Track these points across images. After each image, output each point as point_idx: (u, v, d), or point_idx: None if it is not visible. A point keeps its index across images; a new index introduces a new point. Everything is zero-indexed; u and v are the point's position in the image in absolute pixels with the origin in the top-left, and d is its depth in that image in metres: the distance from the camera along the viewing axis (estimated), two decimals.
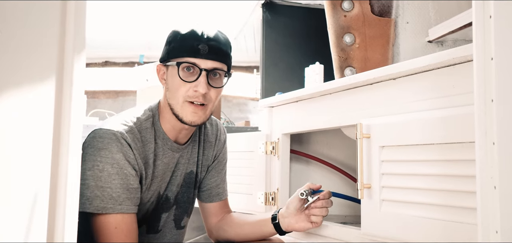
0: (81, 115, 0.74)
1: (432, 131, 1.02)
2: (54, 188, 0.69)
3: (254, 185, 1.72)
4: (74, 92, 0.71)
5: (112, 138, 1.13)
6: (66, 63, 0.70)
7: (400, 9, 1.74)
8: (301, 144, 1.84)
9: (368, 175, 1.18)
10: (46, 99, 0.68)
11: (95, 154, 1.12)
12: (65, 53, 0.70)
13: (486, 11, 0.72)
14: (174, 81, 1.20)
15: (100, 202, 1.10)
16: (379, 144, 1.16)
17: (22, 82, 0.66)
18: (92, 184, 1.10)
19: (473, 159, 0.80)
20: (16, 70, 0.66)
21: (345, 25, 1.76)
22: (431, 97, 1.06)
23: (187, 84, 1.19)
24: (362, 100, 1.29)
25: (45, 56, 0.68)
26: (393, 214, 1.12)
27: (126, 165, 1.13)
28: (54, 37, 0.69)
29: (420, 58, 1.08)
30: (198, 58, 1.19)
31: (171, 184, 1.31)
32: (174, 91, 1.21)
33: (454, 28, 1.53)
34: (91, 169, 1.11)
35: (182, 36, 1.21)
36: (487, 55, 0.72)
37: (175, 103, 1.21)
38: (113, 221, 1.11)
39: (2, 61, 0.64)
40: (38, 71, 0.68)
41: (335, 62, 1.77)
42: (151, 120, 1.25)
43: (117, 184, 1.12)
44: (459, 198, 0.96)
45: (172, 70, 1.21)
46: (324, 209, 1.30)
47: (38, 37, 0.68)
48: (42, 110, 0.68)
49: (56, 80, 0.69)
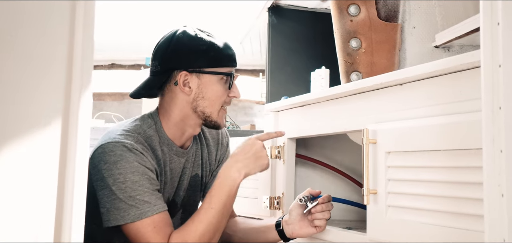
0: (89, 118, 0.74)
1: (439, 137, 1.01)
2: (61, 187, 0.69)
3: (259, 189, 1.72)
4: (82, 93, 0.72)
5: (123, 150, 1.13)
6: (75, 65, 0.71)
7: (406, 14, 1.74)
8: (306, 148, 1.84)
9: (374, 180, 1.18)
10: (55, 99, 0.69)
11: (111, 168, 1.12)
12: (73, 60, 0.70)
13: (494, 18, 0.72)
14: (214, 90, 1.25)
15: (136, 210, 1.11)
16: (385, 150, 1.16)
17: (29, 81, 0.67)
18: (121, 196, 1.11)
19: (480, 166, 0.80)
20: (24, 76, 0.66)
21: (352, 30, 1.76)
22: (438, 103, 1.06)
23: (226, 91, 1.27)
24: (368, 106, 1.29)
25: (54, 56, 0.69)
26: (399, 220, 1.11)
27: (146, 170, 1.15)
28: (64, 37, 0.69)
29: (427, 64, 1.07)
30: (234, 66, 1.30)
31: (179, 189, 1.32)
32: (214, 100, 1.26)
33: (461, 34, 1.52)
34: (114, 184, 1.11)
35: (220, 47, 1.27)
36: (495, 62, 0.71)
37: (213, 111, 1.25)
38: (150, 223, 1.12)
39: (11, 66, 0.65)
40: (47, 69, 0.68)
41: (341, 67, 1.77)
42: (154, 128, 1.25)
43: (144, 189, 1.13)
44: (466, 205, 0.95)
45: (212, 78, 1.25)
46: (326, 212, 1.30)
47: (47, 37, 0.69)
48: (50, 110, 0.69)
49: (65, 81, 0.69)
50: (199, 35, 1.26)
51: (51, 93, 0.65)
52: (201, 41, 1.25)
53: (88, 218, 1.23)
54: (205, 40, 1.25)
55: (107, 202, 1.12)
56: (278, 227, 1.33)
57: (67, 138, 0.67)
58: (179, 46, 1.24)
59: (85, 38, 0.69)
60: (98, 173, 1.13)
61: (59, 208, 0.66)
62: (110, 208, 1.12)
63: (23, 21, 0.64)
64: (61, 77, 0.66)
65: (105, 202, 1.12)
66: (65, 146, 0.66)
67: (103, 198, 1.13)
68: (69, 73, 0.66)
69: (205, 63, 1.23)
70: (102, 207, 1.13)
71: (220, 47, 1.26)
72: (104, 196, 1.13)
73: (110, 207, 1.12)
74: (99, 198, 1.14)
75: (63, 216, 0.66)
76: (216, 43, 1.26)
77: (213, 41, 1.26)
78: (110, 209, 1.12)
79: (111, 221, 1.12)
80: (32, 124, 0.64)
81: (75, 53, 0.68)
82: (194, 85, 1.23)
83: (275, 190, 1.68)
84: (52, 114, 0.65)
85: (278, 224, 1.33)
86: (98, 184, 1.14)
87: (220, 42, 1.27)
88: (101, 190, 1.13)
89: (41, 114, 0.64)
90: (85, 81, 0.68)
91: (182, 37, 1.25)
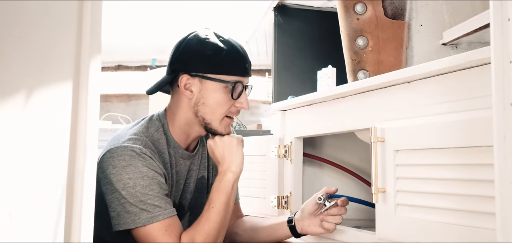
0: (97, 116, 0.75)
1: (448, 135, 1.01)
2: (71, 185, 0.69)
3: (267, 188, 1.72)
4: (90, 94, 0.72)
5: (132, 154, 1.13)
6: (82, 66, 0.71)
7: (413, 12, 1.73)
8: (314, 147, 1.83)
9: (382, 179, 1.17)
10: (64, 100, 0.69)
11: (121, 172, 1.12)
12: (81, 55, 0.71)
13: (504, 13, 0.71)
14: (215, 97, 1.22)
15: (147, 214, 1.12)
16: (394, 148, 1.15)
17: (39, 85, 0.67)
18: (131, 200, 1.11)
19: (490, 163, 0.79)
20: (33, 72, 0.67)
21: (358, 28, 1.75)
22: (447, 101, 1.05)
23: (231, 101, 1.23)
24: (376, 104, 1.28)
25: (62, 58, 0.69)
26: (408, 219, 1.11)
27: (156, 174, 1.15)
28: (72, 39, 0.70)
29: (435, 61, 1.07)
30: (245, 77, 1.25)
31: (185, 191, 1.32)
32: (215, 107, 1.22)
33: (469, 31, 1.51)
34: (124, 188, 1.11)
35: (227, 53, 1.22)
36: (506, 58, 0.70)
37: (214, 119, 1.23)
38: (162, 227, 1.13)
39: (21, 63, 0.65)
40: (55, 72, 0.69)
41: (348, 65, 1.76)
42: (161, 130, 1.25)
43: (154, 193, 1.13)
44: (477, 202, 0.94)
45: (213, 85, 1.21)
46: (338, 217, 1.29)
47: (55, 39, 0.69)
48: (59, 110, 0.69)
49: (73, 82, 0.69)
50: (210, 40, 1.23)
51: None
52: (208, 45, 1.22)
53: (97, 219, 1.24)
54: (213, 45, 1.22)
55: (117, 205, 1.12)
56: (290, 223, 1.32)
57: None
58: (186, 49, 1.24)
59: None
60: (107, 177, 1.14)
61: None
62: (121, 212, 1.12)
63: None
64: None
65: (116, 206, 1.13)
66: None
67: (113, 202, 1.13)
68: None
69: (208, 69, 1.21)
70: (112, 211, 1.13)
71: (228, 54, 1.22)
72: (114, 200, 1.13)
73: (120, 211, 1.12)
74: (108, 202, 1.14)
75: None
76: (226, 49, 1.22)
77: (221, 47, 1.22)
78: (120, 213, 1.12)
79: (122, 225, 1.12)
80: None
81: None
82: (196, 90, 1.22)
83: (283, 189, 1.67)
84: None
85: (291, 219, 1.33)
86: (107, 187, 1.14)
87: (231, 50, 1.23)
88: (110, 194, 1.13)
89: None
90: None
91: (191, 40, 1.24)
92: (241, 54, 1.25)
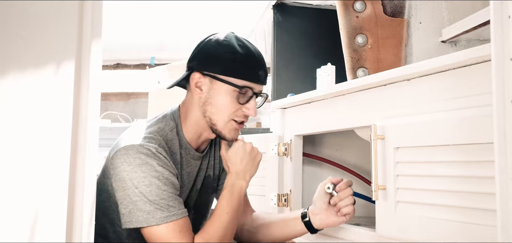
0: (97, 115, 0.75)
1: (448, 132, 1.01)
2: (72, 184, 0.69)
3: (267, 186, 1.72)
4: (91, 93, 0.72)
5: (148, 154, 1.13)
6: (83, 66, 0.71)
7: (413, 10, 1.73)
8: (313, 145, 1.83)
9: (382, 176, 1.18)
10: (64, 99, 0.69)
11: (136, 170, 1.12)
12: (82, 54, 0.71)
13: (505, 10, 0.71)
14: (222, 98, 1.21)
15: (162, 213, 1.11)
16: (394, 145, 1.15)
17: (39, 81, 0.67)
18: (145, 199, 1.11)
19: (491, 160, 0.79)
20: (33, 69, 0.67)
21: (358, 26, 1.75)
22: (447, 98, 1.05)
23: (238, 105, 1.21)
24: (376, 102, 1.28)
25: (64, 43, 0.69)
26: (408, 216, 1.11)
27: (170, 175, 1.15)
28: (73, 37, 0.70)
29: (435, 59, 1.07)
30: (256, 83, 1.23)
31: (192, 191, 1.32)
32: (221, 109, 1.21)
33: (468, 28, 1.52)
34: (138, 186, 1.11)
35: (241, 57, 1.21)
36: (506, 55, 0.71)
37: (219, 120, 1.22)
38: (176, 227, 1.13)
39: (21, 61, 0.65)
40: (55, 69, 0.69)
41: (347, 63, 1.76)
42: (175, 131, 1.25)
43: (168, 193, 1.13)
44: (477, 199, 0.94)
45: (222, 86, 1.21)
46: (347, 198, 1.27)
47: (56, 36, 0.69)
48: (60, 109, 0.69)
49: (74, 80, 0.69)
50: (227, 42, 1.22)
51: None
52: (225, 47, 1.22)
53: (101, 214, 1.24)
54: (229, 48, 1.21)
55: (129, 203, 1.12)
56: (305, 218, 1.31)
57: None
58: (203, 48, 1.24)
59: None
60: (120, 174, 1.13)
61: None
62: (133, 210, 1.11)
63: None
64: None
65: (128, 203, 1.12)
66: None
67: (126, 199, 1.12)
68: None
69: (219, 70, 1.20)
70: (124, 208, 1.13)
71: (242, 58, 1.21)
72: (126, 197, 1.12)
73: (132, 209, 1.11)
74: (119, 199, 1.14)
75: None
76: (240, 53, 1.21)
77: (237, 50, 1.21)
78: (132, 211, 1.11)
79: (133, 223, 1.12)
80: None
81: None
82: (206, 89, 1.22)
83: (283, 187, 1.67)
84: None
85: (304, 215, 1.31)
86: (119, 184, 1.13)
87: (245, 54, 1.22)
88: (122, 191, 1.13)
89: None
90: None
91: (210, 40, 1.24)
92: (256, 61, 1.23)
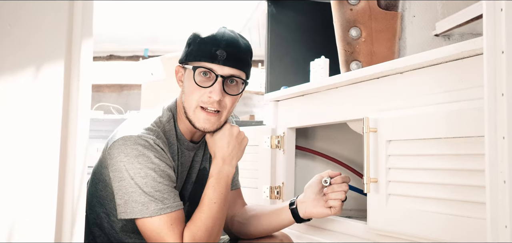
0: (88, 108, 0.74)
1: (440, 125, 1.01)
2: (62, 180, 0.69)
3: (260, 179, 1.72)
4: (82, 87, 0.71)
5: (146, 145, 1.12)
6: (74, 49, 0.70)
7: (406, 3, 1.73)
8: (306, 138, 1.83)
9: (374, 169, 1.18)
10: (54, 92, 0.68)
11: (133, 161, 1.11)
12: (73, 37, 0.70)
13: (497, 4, 0.71)
14: (189, 85, 1.20)
15: (155, 205, 1.11)
16: (386, 138, 1.16)
17: (29, 74, 0.66)
18: (141, 190, 1.10)
19: (481, 153, 0.80)
20: (23, 66, 0.66)
21: (351, 19, 1.75)
22: (439, 91, 1.05)
23: (202, 90, 1.18)
24: (368, 94, 1.29)
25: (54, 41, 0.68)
26: (399, 208, 1.11)
27: (167, 167, 1.14)
28: (63, 23, 0.69)
29: (428, 52, 1.07)
30: (215, 64, 1.17)
31: (187, 182, 1.31)
32: (188, 95, 1.20)
33: (461, 22, 1.52)
34: (134, 177, 1.11)
35: (201, 40, 1.19)
36: (498, 48, 0.71)
37: (188, 107, 1.20)
38: (168, 220, 1.12)
39: (12, 50, 0.64)
40: (47, 57, 0.68)
41: (341, 56, 1.76)
42: (172, 121, 1.24)
43: (164, 186, 1.13)
44: (467, 192, 0.95)
45: (189, 73, 1.20)
46: (339, 193, 1.24)
47: (47, 23, 0.68)
48: (50, 102, 0.68)
49: (64, 68, 0.69)
50: (200, 32, 1.22)
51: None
52: (192, 35, 1.23)
53: (97, 204, 1.23)
54: (194, 34, 1.22)
55: (125, 194, 1.11)
56: (292, 206, 1.30)
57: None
58: None
59: None
60: (117, 164, 1.12)
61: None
62: (128, 201, 1.11)
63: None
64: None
65: (123, 194, 1.12)
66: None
67: (121, 190, 1.12)
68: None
69: (185, 57, 1.22)
70: (120, 199, 1.12)
71: (201, 41, 1.19)
72: (122, 188, 1.12)
73: (128, 199, 1.11)
74: (115, 189, 1.14)
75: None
76: (203, 37, 1.19)
77: (200, 35, 1.20)
78: (128, 201, 1.11)
79: (128, 214, 1.11)
80: None
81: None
82: (184, 79, 1.24)
83: (275, 179, 1.68)
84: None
85: (293, 202, 1.31)
86: (115, 175, 1.13)
87: (206, 37, 1.19)
88: (118, 181, 1.12)
89: None
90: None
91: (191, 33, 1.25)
92: (215, 41, 1.18)
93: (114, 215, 1.21)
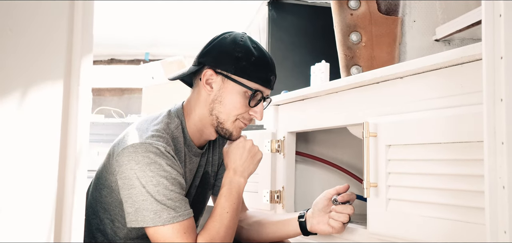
0: (88, 113, 0.74)
1: (440, 130, 1.01)
2: (61, 186, 0.69)
3: (260, 183, 1.72)
4: (81, 92, 0.71)
5: (157, 153, 1.12)
6: (73, 64, 0.70)
7: (407, 8, 1.73)
8: (306, 143, 1.83)
9: (374, 173, 1.18)
10: (54, 99, 0.68)
11: (144, 169, 1.11)
12: (72, 53, 0.70)
13: (496, 9, 0.72)
14: (233, 98, 1.21)
15: (168, 214, 1.11)
16: (386, 143, 1.16)
17: (30, 81, 0.67)
18: (152, 199, 1.10)
19: (481, 159, 0.80)
20: (24, 69, 0.66)
21: (352, 24, 1.75)
22: (439, 96, 1.05)
23: (247, 107, 1.23)
24: (369, 99, 1.29)
25: (53, 56, 0.68)
26: (400, 213, 1.11)
27: (178, 175, 1.14)
28: (63, 38, 0.69)
29: (428, 57, 1.07)
30: (266, 88, 1.26)
31: (191, 187, 1.32)
32: (230, 108, 1.22)
33: (461, 27, 1.52)
34: (146, 185, 1.10)
35: (256, 60, 1.22)
36: (497, 54, 0.71)
37: (227, 120, 1.23)
38: (181, 228, 1.12)
39: (11, 60, 0.64)
40: (46, 70, 0.68)
41: (341, 60, 1.76)
42: (180, 128, 1.24)
43: (175, 193, 1.13)
44: (467, 197, 0.95)
45: (235, 87, 1.21)
46: (343, 215, 1.25)
47: (46, 37, 0.69)
48: (50, 109, 0.68)
49: (64, 81, 0.69)
50: (244, 43, 1.23)
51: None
52: (240, 47, 1.22)
53: (101, 211, 1.23)
54: (245, 48, 1.22)
55: (135, 202, 1.11)
56: (301, 218, 1.31)
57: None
58: (218, 45, 1.24)
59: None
60: (126, 172, 1.11)
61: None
62: (139, 209, 1.10)
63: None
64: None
65: (133, 202, 1.11)
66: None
67: (131, 198, 1.11)
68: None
69: (233, 70, 1.20)
70: (129, 207, 1.11)
71: (256, 61, 1.22)
72: (132, 196, 1.11)
73: (139, 207, 1.10)
74: (124, 197, 1.13)
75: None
76: (255, 56, 1.22)
77: (252, 52, 1.22)
78: (138, 210, 1.10)
79: (139, 222, 1.10)
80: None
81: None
82: (216, 87, 1.22)
83: (276, 184, 1.68)
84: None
85: (302, 215, 1.31)
86: (125, 182, 1.12)
87: (260, 57, 1.23)
88: (128, 189, 1.11)
89: None
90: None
91: (226, 38, 1.24)
92: (269, 65, 1.25)
93: (119, 222, 1.21)
